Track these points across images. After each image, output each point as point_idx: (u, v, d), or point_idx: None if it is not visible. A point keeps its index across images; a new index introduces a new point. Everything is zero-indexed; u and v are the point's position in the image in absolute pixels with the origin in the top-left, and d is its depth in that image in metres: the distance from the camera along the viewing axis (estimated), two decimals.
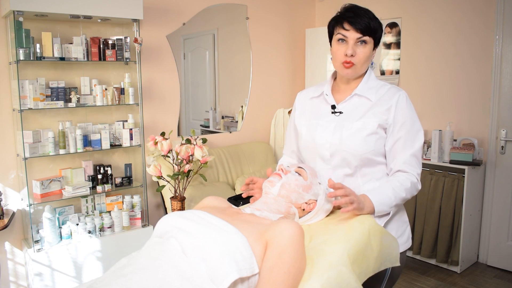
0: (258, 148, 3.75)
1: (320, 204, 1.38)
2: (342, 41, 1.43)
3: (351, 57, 1.42)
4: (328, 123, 1.49)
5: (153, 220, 3.24)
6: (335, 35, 1.45)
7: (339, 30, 1.43)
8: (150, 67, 3.21)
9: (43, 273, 2.55)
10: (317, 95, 1.58)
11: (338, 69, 1.49)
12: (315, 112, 1.55)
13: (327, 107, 1.53)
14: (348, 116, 1.47)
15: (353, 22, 1.40)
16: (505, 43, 3.06)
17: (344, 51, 1.42)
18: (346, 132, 1.44)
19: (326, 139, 1.47)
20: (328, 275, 1.11)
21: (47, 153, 2.68)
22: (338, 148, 1.45)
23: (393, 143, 1.44)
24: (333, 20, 1.47)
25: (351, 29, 1.41)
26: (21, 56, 2.49)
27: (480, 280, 3.06)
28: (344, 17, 1.42)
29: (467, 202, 3.08)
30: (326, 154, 1.48)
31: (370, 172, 1.48)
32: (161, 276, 1.04)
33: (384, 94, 1.47)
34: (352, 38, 1.41)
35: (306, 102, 1.61)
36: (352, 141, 1.43)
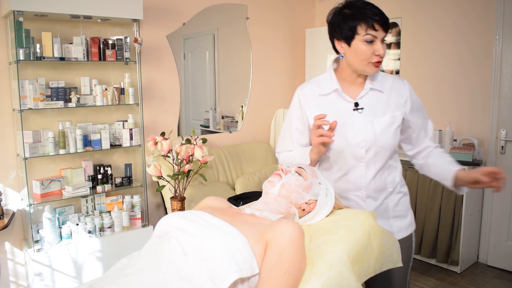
0: (258, 148, 3.75)
1: (320, 204, 1.38)
2: (370, 41, 1.40)
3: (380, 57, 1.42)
4: (354, 121, 1.48)
5: (153, 220, 3.24)
6: (363, 36, 1.40)
7: (368, 31, 1.39)
8: (150, 67, 3.21)
9: (43, 273, 2.55)
10: (326, 92, 1.53)
11: (364, 68, 1.45)
12: (335, 111, 1.50)
13: (346, 104, 1.50)
14: (371, 111, 1.49)
15: (381, 22, 1.39)
16: (505, 43, 3.06)
17: (373, 51, 1.41)
18: (378, 127, 1.48)
19: (360, 137, 1.47)
20: (328, 275, 1.11)
21: (47, 153, 2.68)
22: (373, 145, 1.48)
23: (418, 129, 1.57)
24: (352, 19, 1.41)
25: (380, 29, 1.40)
26: (21, 56, 2.49)
27: (480, 280, 3.06)
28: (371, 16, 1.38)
29: (467, 202, 3.08)
30: (361, 152, 1.48)
31: (392, 163, 1.57)
32: (161, 276, 1.04)
33: (392, 85, 1.54)
34: (380, 38, 1.41)
35: (316, 100, 1.55)
36: (385, 135, 1.48)
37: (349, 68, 1.51)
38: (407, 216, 1.63)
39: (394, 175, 1.58)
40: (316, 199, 1.37)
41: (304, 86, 1.61)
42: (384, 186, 1.55)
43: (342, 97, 1.51)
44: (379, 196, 1.55)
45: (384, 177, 1.54)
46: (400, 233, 1.59)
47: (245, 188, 3.32)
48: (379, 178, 1.53)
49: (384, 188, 1.55)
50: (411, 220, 1.65)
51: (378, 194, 1.54)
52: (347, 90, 1.53)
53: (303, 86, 1.62)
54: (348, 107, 1.50)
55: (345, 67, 1.52)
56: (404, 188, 1.63)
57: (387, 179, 1.55)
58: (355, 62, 1.45)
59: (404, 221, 1.61)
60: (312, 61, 4.06)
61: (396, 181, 1.58)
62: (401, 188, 1.61)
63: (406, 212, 1.62)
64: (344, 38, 1.45)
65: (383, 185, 1.54)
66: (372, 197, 1.54)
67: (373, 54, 1.41)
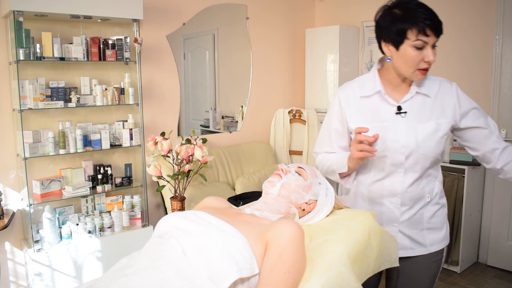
0: (258, 148, 3.75)
1: (320, 204, 1.38)
2: (420, 47, 1.32)
3: (429, 64, 1.35)
4: (396, 125, 1.42)
5: (153, 220, 3.24)
6: (413, 41, 1.31)
7: (419, 37, 1.30)
8: (150, 67, 3.21)
9: (43, 273, 2.55)
10: (368, 94, 1.46)
11: (411, 74, 1.37)
12: (376, 113, 1.45)
13: (388, 108, 1.44)
14: (415, 116, 1.42)
15: (434, 28, 1.30)
16: (505, 43, 3.06)
17: (423, 58, 1.33)
18: (421, 134, 1.41)
19: (401, 142, 1.40)
20: (328, 275, 1.11)
21: (47, 153, 2.68)
22: (414, 151, 1.41)
23: (477, 132, 1.46)
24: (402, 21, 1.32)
25: (431, 35, 1.31)
26: (21, 56, 2.49)
27: (480, 280, 3.06)
28: (423, 21, 1.29)
29: (467, 202, 3.08)
30: (400, 158, 1.42)
31: (432, 172, 1.50)
32: (161, 276, 1.04)
33: (439, 89, 1.46)
34: (431, 44, 1.32)
35: (356, 102, 1.48)
36: (428, 143, 1.41)
37: (395, 71, 1.43)
38: (442, 229, 1.56)
39: (433, 185, 1.51)
40: (316, 199, 1.37)
41: (346, 86, 1.54)
42: (422, 195, 1.48)
43: (384, 100, 1.44)
44: (414, 205, 1.48)
45: (422, 186, 1.47)
46: (433, 246, 1.54)
47: (245, 188, 3.32)
48: (417, 186, 1.46)
49: (421, 197, 1.48)
50: (446, 234, 1.58)
51: (413, 203, 1.48)
52: (390, 92, 1.46)
53: (345, 86, 1.54)
54: (390, 111, 1.43)
55: (391, 69, 1.45)
56: (443, 199, 1.56)
57: (425, 188, 1.48)
58: (402, 67, 1.38)
59: (439, 234, 1.55)
60: (312, 61, 4.06)
61: (434, 191, 1.51)
62: (439, 200, 1.54)
63: (442, 225, 1.56)
64: (392, 41, 1.37)
65: (421, 194, 1.48)
66: (407, 205, 1.48)
67: (422, 60, 1.33)
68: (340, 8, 4.06)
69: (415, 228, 1.51)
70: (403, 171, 1.45)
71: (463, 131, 1.48)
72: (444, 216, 1.58)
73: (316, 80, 4.02)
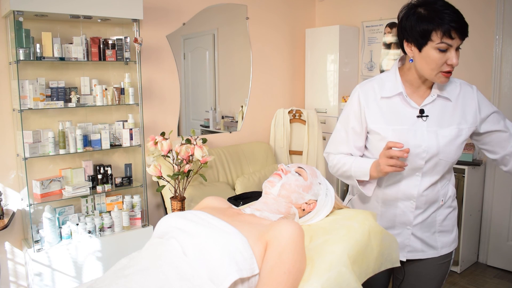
0: (258, 148, 3.75)
1: (320, 204, 1.38)
2: (444, 50, 1.27)
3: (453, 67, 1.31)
4: (417, 129, 1.38)
5: (153, 220, 3.24)
6: (437, 44, 1.26)
7: (444, 39, 1.25)
8: (150, 67, 3.21)
9: (43, 273, 2.55)
10: (389, 95, 1.42)
11: (434, 78, 1.33)
12: (397, 116, 1.40)
13: (410, 110, 1.40)
14: (436, 121, 1.39)
15: (460, 31, 1.26)
16: (505, 43, 3.06)
17: (446, 61, 1.29)
18: (442, 139, 1.38)
19: (422, 147, 1.37)
20: (328, 276, 1.11)
21: (47, 153, 2.68)
22: (434, 156, 1.39)
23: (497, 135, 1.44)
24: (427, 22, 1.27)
25: (456, 37, 1.26)
26: (21, 56, 2.49)
27: (480, 280, 3.06)
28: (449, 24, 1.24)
29: (467, 202, 3.08)
30: (420, 162, 1.40)
31: (447, 176, 1.49)
32: (161, 276, 1.04)
33: (460, 92, 1.43)
34: (455, 46, 1.28)
35: (377, 102, 1.43)
36: (449, 148, 1.39)
37: (416, 72, 1.39)
38: (452, 232, 1.55)
39: (447, 188, 1.50)
40: (316, 199, 1.37)
41: (365, 84, 1.47)
42: (436, 199, 1.47)
43: (406, 102, 1.40)
44: (428, 208, 1.47)
45: (437, 190, 1.46)
46: (443, 249, 1.53)
47: (245, 188, 3.32)
48: (432, 190, 1.45)
49: (436, 201, 1.47)
50: (456, 237, 1.58)
51: (428, 206, 1.47)
52: (411, 94, 1.42)
53: (364, 84, 1.48)
54: (412, 113, 1.39)
55: (412, 70, 1.40)
56: (455, 202, 1.55)
57: (440, 192, 1.47)
58: (424, 69, 1.33)
59: (449, 236, 1.54)
60: (312, 61, 4.06)
61: (448, 194, 1.50)
62: (452, 202, 1.53)
63: (452, 228, 1.55)
64: (415, 42, 1.32)
65: (435, 197, 1.47)
66: (421, 208, 1.47)
67: (445, 63, 1.29)
68: (340, 8, 4.06)
69: (427, 231, 1.50)
70: (420, 175, 1.43)
71: (483, 135, 1.46)
72: (455, 219, 1.57)
73: (316, 80, 4.02)
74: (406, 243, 1.51)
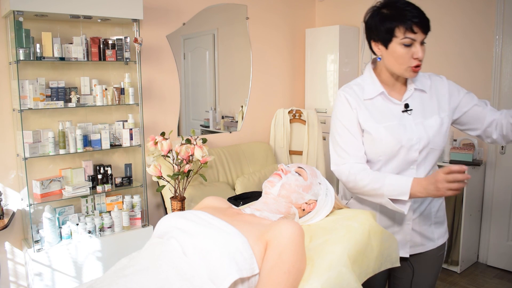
0: (258, 148, 3.75)
1: (320, 204, 1.38)
2: (408, 45, 1.34)
3: (419, 60, 1.36)
4: (405, 123, 1.43)
5: (153, 220, 3.24)
6: (401, 39, 1.33)
7: (408, 34, 1.32)
8: (150, 67, 3.21)
9: (43, 273, 2.55)
10: (371, 96, 1.46)
11: (403, 72, 1.39)
12: (383, 114, 1.44)
13: (394, 107, 1.45)
14: (420, 113, 1.45)
15: (421, 25, 1.32)
16: (505, 43, 3.06)
17: (412, 55, 1.35)
18: (430, 130, 1.43)
19: (414, 139, 1.42)
20: (328, 275, 1.11)
21: (47, 153, 2.68)
22: (426, 146, 1.43)
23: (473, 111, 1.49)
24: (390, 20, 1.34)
25: (419, 32, 1.33)
26: (21, 56, 2.49)
27: (480, 280, 3.06)
28: (410, 19, 1.31)
29: (467, 202, 3.08)
30: (414, 154, 1.43)
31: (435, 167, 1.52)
32: (161, 276, 1.04)
33: (431, 83, 1.49)
34: (419, 41, 1.34)
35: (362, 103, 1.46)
36: (437, 137, 1.44)
37: (387, 71, 1.45)
38: (444, 223, 1.60)
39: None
40: (316, 199, 1.37)
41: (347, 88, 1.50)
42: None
43: (389, 100, 1.45)
44: (424, 200, 1.51)
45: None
46: (439, 240, 1.56)
47: (245, 188, 3.32)
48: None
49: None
50: (446, 227, 1.62)
51: (424, 199, 1.49)
52: (389, 92, 1.47)
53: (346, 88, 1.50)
54: (396, 110, 1.44)
55: (383, 69, 1.46)
56: None
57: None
58: (393, 66, 1.39)
59: (443, 227, 1.59)
60: (312, 61, 4.06)
61: None
62: None
63: (444, 218, 1.60)
64: (381, 40, 1.38)
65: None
66: (418, 201, 1.50)
67: (412, 57, 1.35)
68: (340, 8, 4.06)
69: (425, 224, 1.53)
70: (415, 168, 1.46)
71: (461, 117, 1.51)
72: (444, 209, 1.61)
73: (316, 80, 4.02)
74: (408, 238, 1.53)
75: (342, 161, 1.46)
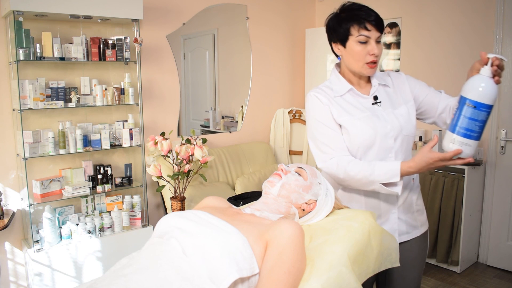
0: (258, 148, 3.75)
1: (320, 204, 1.38)
2: (364, 42, 1.44)
3: (375, 57, 1.44)
4: (377, 113, 1.50)
5: (153, 220, 3.24)
6: (356, 37, 1.44)
7: (361, 32, 1.43)
8: (150, 67, 3.21)
9: (43, 273, 2.55)
10: (340, 94, 1.53)
11: (361, 69, 1.48)
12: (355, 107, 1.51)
13: (364, 101, 1.53)
14: (388, 104, 1.53)
15: (374, 23, 1.43)
16: (505, 43, 3.06)
17: (368, 52, 1.44)
18: (401, 118, 1.51)
19: (388, 126, 1.49)
20: (328, 275, 1.11)
21: (47, 153, 2.68)
22: (399, 133, 1.50)
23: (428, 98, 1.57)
24: (346, 21, 1.46)
25: (372, 29, 1.43)
26: (21, 56, 2.49)
27: (480, 280, 3.06)
28: (363, 17, 1.43)
29: (467, 202, 3.08)
30: (390, 142, 1.50)
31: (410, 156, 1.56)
32: (161, 276, 1.04)
33: (392, 79, 1.60)
34: (373, 38, 1.44)
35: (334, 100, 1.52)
36: (409, 124, 1.52)
37: (349, 70, 1.54)
38: (424, 211, 1.67)
39: None
40: (316, 199, 1.37)
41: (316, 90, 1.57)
42: (408, 178, 1.57)
43: (357, 95, 1.54)
44: (405, 189, 1.56)
45: None
46: (422, 227, 1.64)
47: (245, 188, 3.32)
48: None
49: (409, 181, 1.57)
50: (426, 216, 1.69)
51: (404, 187, 1.54)
52: (357, 89, 1.56)
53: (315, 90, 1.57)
54: (367, 103, 1.53)
55: (346, 69, 1.56)
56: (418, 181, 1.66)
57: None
58: (352, 63, 1.49)
59: (424, 215, 1.66)
60: (312, 61, 4.06)
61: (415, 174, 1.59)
62: (417, 182, 1.64)
63: (423, 207, 1.67)
64: (339, 40, 1.50)
65: (408, 178, 1.55)
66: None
67: (368, 54, 1.44)
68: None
69: (408, 212, 1.59)
70: (393, 156, 1.51)
71: (420, 106, 1.59)
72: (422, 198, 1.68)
73: (316, 80, 4.02)
74: (395, 227, 1.58)
75: (328, 156, 1.51)
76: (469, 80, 1.26)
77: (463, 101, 1.24)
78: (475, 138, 1.25)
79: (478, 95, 1.21)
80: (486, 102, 1.22)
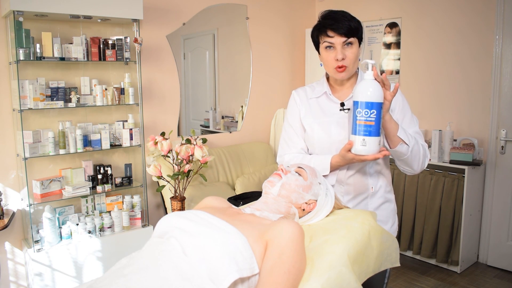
0: (258, 148, 3.75)
1: (320, 204, 1.38)
2: (330, 47, 1.50)
3: (342, 61, 1.49)
4: (339, 120, 1.56)
5: (153, 220, 3.24)
6: (322, 44, 1.52)
7: (324, 39, 1.50)
8: (150, 67, 3.21)
9: (43, 273, 2.55)
10: (317, 95, 1.63)
11: (332, 74, 1.55)
12: (323, 111, 1.60)
13: (333, 105, 1.59)
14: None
15: (335, 28, 1.48)
16: (505, 43, 3.06)
17: (334, 57, 1.49)
18: None
19: (343, 134, 1.54)
20: (328, 275, 1.11)
21: (47, 153, 2.68)
22: None
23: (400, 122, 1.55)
24: (315, 30, 1.55)
25: (335, 35, 1.48)
26: (21, 56, 2.49)
27: (480, 280, 3.06)
28: (325, 25, 1.49)
29: (467, 202, 3.08)
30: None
31: (379, 168, 1.60)
32: (161, 276, 1.04)
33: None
34: (338, 43, 1.48)
35: (307, 102, 1.65)
36: None
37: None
38: (387, 223, 1.65)
39: (377, 178, 1.61)
40: (316, 199, 1.37)
41: (299, 89, 1.71)
42: (365, 187, 1.59)
43: (330, 99, 1.61)
44: (358, 196, 1.60)
45: (366, 178, 1.59)
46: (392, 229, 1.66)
47: (245, 188, 3.32)
48: (360, 177, 1.58)
49: (365, 189, 1.59)
50: (392, 229, 1.67)
51: (357, 194, 1.59)
52: (337, 93, 1.62)
53: (299, 89, 1.72)
54: (335, 108, 1.58)
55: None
56: (390, 195, 1.67)
57: (369, 180, 1.59)
58: (325, 68, 1.57)
59: (385, 227, 1.63)
60: (312, 61, 4.06)
61: (378, 184, 1.62)
62: (385, 194, 1.64)
63: (387, 219, 1.66)
64: (316, 48, 1.59)
65: (364, 185, 1.59)
66: (350, 194, 1.60)
67: (334, 59, 1.49)
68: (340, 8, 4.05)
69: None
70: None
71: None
72: (391, 211, 1.67)
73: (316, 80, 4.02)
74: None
75: (284, 152, 1.68)
76: (356, 87, 1.40)
77: (355, 105, 1.37)
78: (374, 135, 1.37)
79: (368, 96, 1.34)
80: (376, 101, 1.35)
